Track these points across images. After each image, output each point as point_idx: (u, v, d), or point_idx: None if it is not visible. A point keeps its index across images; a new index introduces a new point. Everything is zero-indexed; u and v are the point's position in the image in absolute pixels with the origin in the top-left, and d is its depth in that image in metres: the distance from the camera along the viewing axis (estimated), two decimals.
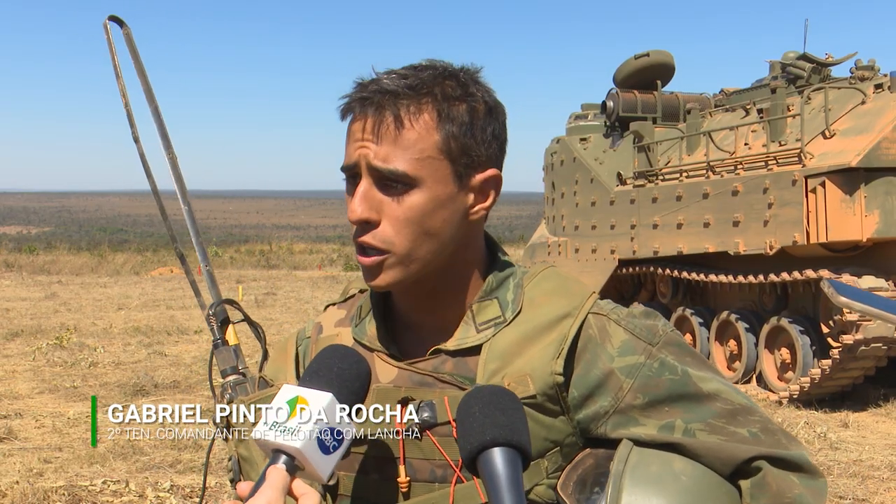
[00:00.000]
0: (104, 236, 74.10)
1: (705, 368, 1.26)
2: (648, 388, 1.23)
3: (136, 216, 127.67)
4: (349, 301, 1.42)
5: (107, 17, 1.77)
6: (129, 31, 1.78)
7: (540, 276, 1.31)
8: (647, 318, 1.28)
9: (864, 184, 8.21)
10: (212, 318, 1.63)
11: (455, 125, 1.21)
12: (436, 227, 1.21)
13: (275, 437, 1.07)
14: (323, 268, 33.94)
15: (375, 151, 1.19)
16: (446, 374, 1.25)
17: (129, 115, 1.74)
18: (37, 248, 38.88)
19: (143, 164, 1.74)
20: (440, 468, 1.23)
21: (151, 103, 1.76)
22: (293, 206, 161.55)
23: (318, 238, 70.24)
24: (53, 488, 5.98)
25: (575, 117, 13.13)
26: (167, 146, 1.75)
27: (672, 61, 12.11)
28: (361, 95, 1.21)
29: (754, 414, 1.24)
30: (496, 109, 1.26)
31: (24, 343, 13.06)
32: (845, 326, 8.30)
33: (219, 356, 1.60)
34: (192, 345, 13.12)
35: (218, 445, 1.50)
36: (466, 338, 1.26)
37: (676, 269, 10.51)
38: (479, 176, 1.25)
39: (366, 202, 1.20)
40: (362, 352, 1.31)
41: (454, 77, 1.24)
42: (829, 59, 10.05)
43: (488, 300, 1.28)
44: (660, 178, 10.84)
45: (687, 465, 1.21)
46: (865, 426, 8.21)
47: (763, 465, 1.21)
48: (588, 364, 1.24)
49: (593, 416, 1.24)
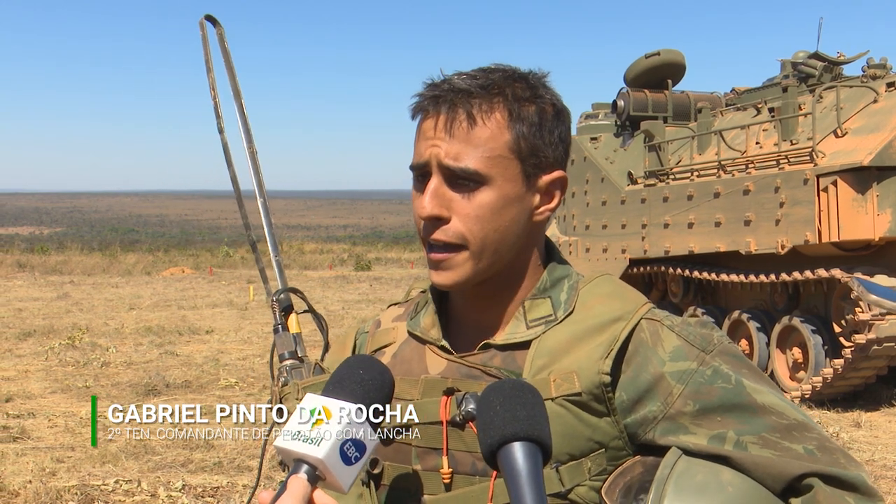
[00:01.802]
0: (116, 236, 74.42)
1: (762, 381, 1.23)
2: (700, 395, 1.20)
3: (148, 216, 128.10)
4: (409, 301, 1.44)
5: (203, 16, 1.87)
6: (222, 31, 1.87)
7: (596, 280, 1.32)
8: (702, 328, 1.26)
9: (877, 182, 8.17)
10: (275, 304, 1.66)
11: (525, 125, 1.22)
12: (504, 226, 1.22)
13: (297, 447, 1.06)
14: (333, 267, 33.99)
15: (447, 150, 1.20)
16: (493, 368, 1.25)
17: (217, 107, 1.82)
18: (49, 249, 39.08)
19: (225, 155, 1.83)
20: (482, 461, 1.19)
21: (238, 99, 1.86)
22: (303, 207, 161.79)
23: (329, 238, 70.38)
24: (66, 487, 6.01)
25: (585, 116, 13.12)
26: (249, 140, 1.83)
27: (683, 60, 12.08)
28: (434, 94, 1.22)
29: (811, 431, 1.20)
30: (563, 113, 1.28)
31: (37, 343, 13.13)
32: (857, 326, 8.26)
33: (279, 340, 1.65)
34: (203, 345, 13.16)
35: (223, 444, 1.52)
36: (516, 333, 1.27)
37: (688, 268, 10.49)
38: (546, 177, 1.26)
39: (436, 199, 1.21)
40: (415, 344, 1.34)
41: (524, 79, 1.25)
42: (841, 58, 10.00)
43: (541, 298, 1.28)
44: (671, 177, 10.82)
45: (735, 476, 1.17)
46: (878, 426, 8.17)
47: (815, 483, 1.16)
48: (638, 368, 1.23)
49: (642, 421, 1.22)
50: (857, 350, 8.27)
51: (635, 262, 11.48)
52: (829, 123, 8.76)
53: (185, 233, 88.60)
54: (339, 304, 19.12)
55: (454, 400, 1.25)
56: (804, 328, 8.97)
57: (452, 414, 1.24)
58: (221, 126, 1.80)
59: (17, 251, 36.86)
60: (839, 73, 9.95)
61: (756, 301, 10.00)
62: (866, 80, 9.12)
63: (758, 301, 9.97)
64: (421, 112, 1.24)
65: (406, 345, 1.35)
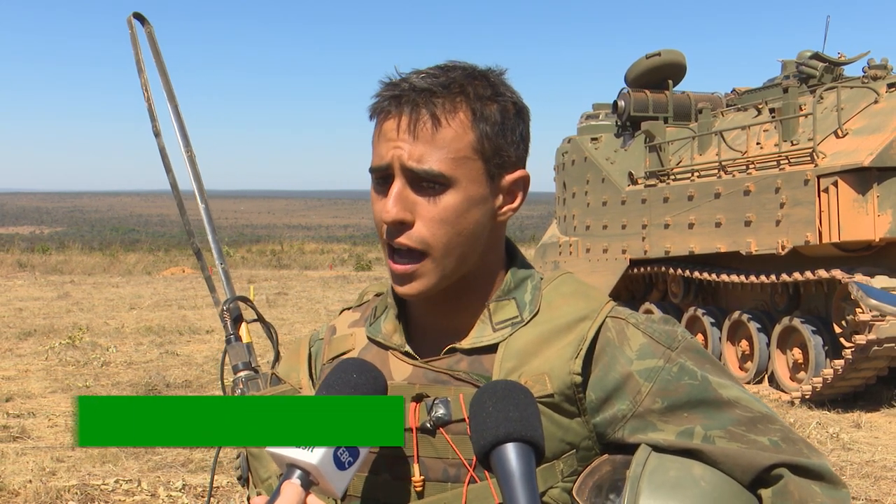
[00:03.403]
0: (116, 236, 74.40)
1: (725, 376, 1.25)
2: (667, 393, 1.21)
3: (148, 216, 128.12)
4: (364, 305, 1.42)
5: (131, 14, 1.79)
6: (151, 29, 1.81)
7: (558, 280, 1.31)
8: (665, 324, 1.27)
9: (877, 183, 8.17)
10: (226, 314, 1.63)
11: (488, 125, 1.20)
12: (468, 229, 1.20)
13: (291, 452, 1.06)
14: (334, 267, 33.98)
15: (410, 152, 1.17)
16: (461, 372, 1.24)
17: (151, 109, 1.75)
18: (49, 248, 39.06)
19: (162, 159, 1.76)
20: (453, 467, 1.21)
21: (172, 101, 1.78)
22: (304, 206, 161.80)
23: (329, 238, 70.36)
24: (66, 487, 6.00)
25: (586, 117, 13.11)
26: (186, 143, 1.77)
27: (683, 61, 12.07)
28: (394, 94, 1.20)
29: (775, 423, 1.22)
30: (524, 111, 1.27)
31: (37, 342, 13.12)
32: (858, 326, 8.26)
33: (231, 351, 1.60)
34: (203, 344, 13.16)
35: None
36: (482, 337, 1.25)
37: (688, 269, 10.48)
38: (508, 177, 1.25)
39: (400, 203, 1.19)
40: (376, 350, 1.31)
41: (484, 77, 1.24)
42: (842, 58, 10.00)
43: (505, 300, 1.27)
44: (671, 177, 10.81)
45: (706, 471, 1.18)
46: (878, 427, 8.17)
47: (784, 473, 1.19)
48: (606, 367, 1.23)
49: (611, 420, 1.23)
50: (857, 351, 8.26)
51: (636, 263, 11.47)
52: (829, 124, 8.76)
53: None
54: (339, 304, 19.06)
55: (423, 406, 1.23)
56: (804, 329, 8.97)
57: (422, 420, 1.23)
58: (157, 129, 1.72)
59: (18, 251, 36.84)
60: (840, 74, 9.94)
61: (756, 301, 9.99)
62: (867, 81, 9.11)
63: (758, 301, 9.97)
64: (381, 112, 1.21)
65: (366, 351, 1.32)
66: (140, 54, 1.76)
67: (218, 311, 1.65)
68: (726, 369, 1.28)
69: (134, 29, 1.78)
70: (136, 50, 1.76)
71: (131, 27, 1.77)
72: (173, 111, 1.77)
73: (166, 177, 1.76)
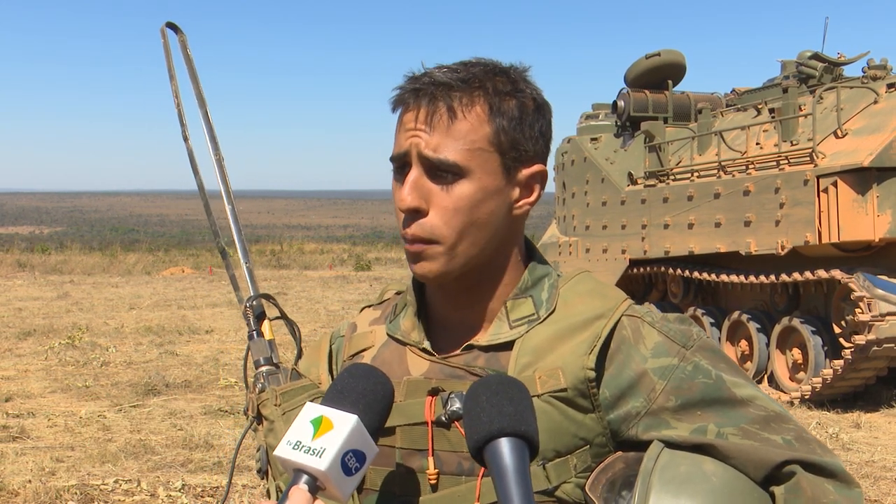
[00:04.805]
0: (116, 236, 74.44)
1: (739, 375, 1.26)
2: (681, 391, 1.23)
3: (148, 216, 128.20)
4: (385, 303, 1.44)
5: (164, 24, 1.84)
6: (184, 37, 1.86)
7: (575, 278, 1.33)
8: (681, 324, 1.28)
9: (877, 183, 8.17)
10: (248, 310, 1.66)
11: (505, 119, 1.23)
12: (483, 219, 1.23)
13: (299, 458, 1.06)
14: (334, 267, 33.97)
15: (427, 141, 1.21)
16: (478, 368, 1.25)
17: (181, 115, 1.80)
18: (49, 248, 39.07)
19: (191, 163, 1.81)
20: (468, 461, 1.22)
21: (202, 107, 1.82)
22: (304, 206, 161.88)
23: (329, 238, 70.41)
24: (65, 487, 6.00)
25: (586, 117, 13.11)
26: (215, 147, 1.81)
27: (683, 61, 12.08)
28: (414, 87, 1.23)
29: (788, 422, 1.23)
30: (544, 107, 1.29)
31: (37, 342, 13.13)
32: (857, 327, 8.26)
33: (254, 347, 1.63)
34: (203, 344, 13.16)
35: (223, 444, 1.51)
36: (499, 334, 1.27)
37: (688, 269, 10.48)
38: (525, 171, 1.27)
39: (416, 191, 1.22)
40: (394, 347, 1.34)
41: (505, 73, 1.26)
42: (842, 59, 10.00)
43: (523, 298, 1.29)
44: (671, 177, 10.82)
45: (718, 466, 1.19)
46: (878, 427, 8.17)
47: (797, 470, 1.19)
48: (621, 365, 1.24)
49: (625, 417, 1.24)
50: (856, 351, 8.27)
51: (635, 263, 11.48)
52: (829, 124, 8.76)
53: (186, 232, 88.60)
54: (339, 304, 19.11)
55: (439, 400, 1.25)
56: (804, 329, 8.97)
57: (438, 414, 1.25)
58: (186, 134, 1.78)
59: (18, 250, 36.83)
60: (839, 74, 9.94)
61: (756, 302, 9.99)
62: (867, 81, 9.11)
63: (758, 302, 9.97)
64: (402, 105, 1.25)
65: (385, 347, 1.35)
66: (171, 62, 1.81)
67: (241, 308, 1.68)
68: (741, 369, 1.29)
69: (167, 38, 1.83)
70: (169, 58, 1.81)
71: (164, 37, 1.83)
72: (203, 117, 1.82)
73: (194, 179, 1.82)
